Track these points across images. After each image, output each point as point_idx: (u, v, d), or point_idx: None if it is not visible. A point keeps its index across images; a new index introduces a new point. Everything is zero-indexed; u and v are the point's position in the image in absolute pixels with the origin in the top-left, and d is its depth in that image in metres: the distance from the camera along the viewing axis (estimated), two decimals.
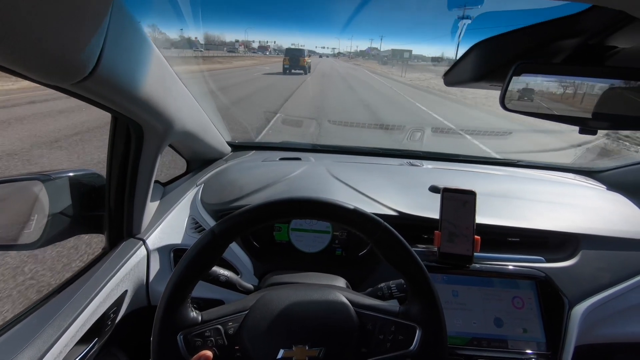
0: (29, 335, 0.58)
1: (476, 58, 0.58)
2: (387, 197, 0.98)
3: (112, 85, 0.52)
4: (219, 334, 0.54)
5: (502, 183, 1.15)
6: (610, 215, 1.02)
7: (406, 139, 2.47)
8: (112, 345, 0.80)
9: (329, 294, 0.59)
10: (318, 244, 0.95)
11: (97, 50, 0.45)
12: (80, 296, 0.67)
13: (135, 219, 0.83)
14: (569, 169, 1.39)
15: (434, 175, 1.18)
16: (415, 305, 0.57)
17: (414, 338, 0.55)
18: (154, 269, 0.88)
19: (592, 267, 0.88)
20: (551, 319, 0.81)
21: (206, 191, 1.04)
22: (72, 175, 0.76)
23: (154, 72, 0.63)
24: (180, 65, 3.62)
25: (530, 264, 0.86)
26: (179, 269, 0.53)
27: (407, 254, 0.56)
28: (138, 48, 0.57)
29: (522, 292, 0.83)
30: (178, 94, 0.78)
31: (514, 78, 0.51)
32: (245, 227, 0.56)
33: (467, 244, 0.82)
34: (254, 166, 1.21)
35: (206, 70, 15.63)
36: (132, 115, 0.66)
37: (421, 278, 0.56)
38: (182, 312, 0.54)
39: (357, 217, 0.56)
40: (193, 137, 1.00)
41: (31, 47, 0.36)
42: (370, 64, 43.90)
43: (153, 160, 0.79)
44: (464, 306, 0.82)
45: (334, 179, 1.07)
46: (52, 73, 0.42)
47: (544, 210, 0.99)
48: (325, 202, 0.57)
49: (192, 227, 0.94)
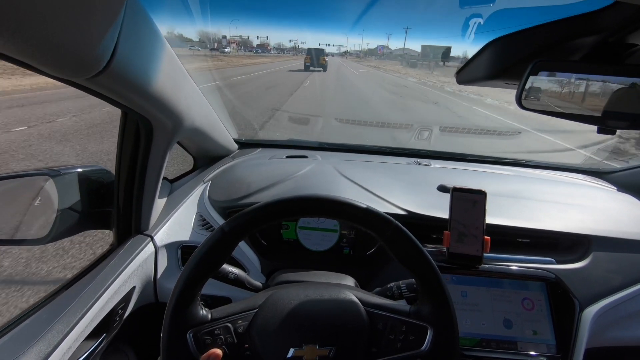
0: (39, 330, 0.58)
1: (491, 56, 0.56)
2: (395, 196, 0.97)
3: (124, 81, 0.52)
4: (229, 332, 0.54)
5: (511, 183, 1.14)
6: (621, 217, 1.00)
7: (414, 138, 2.45)
8: (120, 341, 0.80)
9: (339, 293, 0.59)
10: (326, 242, 0.95)
11: (112, 45, 0.44)
12: (89, 292, 0.67)
13: (143, 216, 0.83)
14: (578, 170, 1.37)
15: (442, 175, 1.17)
16: (426, 305, 0.56)
17: (425, 338, 0.54)
18: (162, 266, 0.88)
19: (603, 269, 0.86)
20: (561, 321, 0.80)
21: (213, 188, 1.04)
22: (81, 171, 0.76)
23: (166, 68, 0.62)
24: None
25: (540, 265, 0.85)
26: (189, 266, 0.53)
27: (419, 254, 0.55)
28: (151, 44, 0.57)
29: (532, 293, 0.82)
30: (188, 91, 0.78)
31: (531, 76, 0.50)
32: (256, 225, 0.56)
33: (476, 244, 0.81)
34: (261, 164, 1.21)
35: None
36: (143, 112, 0.66)
37: (433, 278, 0.55)
38: (192, 310, 0.54)
39: (369, 216, 0.56)
40: (201, 134, 1.00)
41: (45, 41, 0.36)
42: (390, 66, 35.78)
43: (162, 156, 0.79)
44: (473, 307, 0.81)
45: (341, 177, 1.06)
46: (66, 67, 0.42)
47: (554, 211, 0.98)
48: (336, 200, 0.56)
49: (200, 224, 0.94)
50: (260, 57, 41.61)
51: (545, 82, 0.51)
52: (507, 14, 6.78)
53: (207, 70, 12.62)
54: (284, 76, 16.50)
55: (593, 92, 0.50)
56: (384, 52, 64.82)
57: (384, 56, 61.16)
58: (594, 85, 0.50)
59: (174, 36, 10.88)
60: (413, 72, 27.40)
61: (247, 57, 31.93)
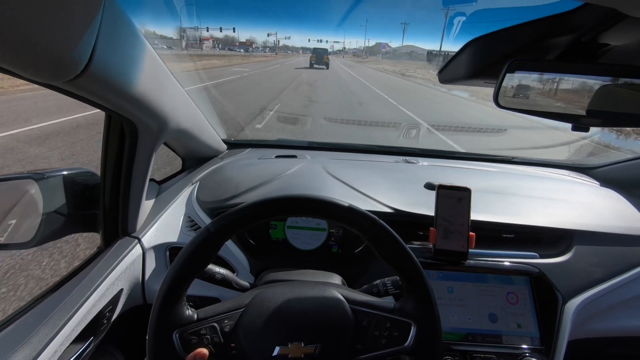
0: (24, 334, 0.58)
1: (470, 55, 0.58)
2: (383, 194, 0.98)
3: (105, 83, 0.52)
4: (215, 331, 0.54)
5: (496, 180, 1.16)
6: (603, 211, 1.03)
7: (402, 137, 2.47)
8: (108, 344, 0.80)
9: (324, 291, 0.59)
10: (314, 241, 0.96)
11: (90, 48, 0.44)
12: (75, 295, 0.67)
13: (130, 218, 0.83)
14: (563, 166, 1.40)
15: (430, 172, 1.19)
16: (410, 301, 0.57)
17: (409, 334, 0.55)
18: (150, 268, 0.88)
19: (585, 262, 0.89)
20: (545, 314, 0.81)
21: (202, 189, 1.04)
22: (66, 174, 0.76)
23: (148, 69, 0.62)
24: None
25: (524, 260, 0.87)
26: (174, 267, 0.53)
27: (402, 251, 0.56)
28: (131, 45, 0.56)
29: (516, 287, 0.84)
30: (172, 91, 0.78)
31: (508, 75, 0.51)
32: (241, 225, 0.56)
33: (462, 241, 0.82)
34: (250, 164, 1.21)
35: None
36: (126, 114, 0.66)
37: (416, 275, 0.56)
38: (178, 310, 0.54)
39: (353, 215, 0.56)
40: (188, 135, 1.00)
41: (21, 44, 0.36)
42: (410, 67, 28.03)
43: (148, 158, 0.78)
44: (459, 302, 0.83)
45: (329, 177, 1.07)
46: (43, 71, 0.42)
47: (538, 206, 1.00)
48: (320, 199, 0.57)
49: (188, 225, 0.94)
50: (236, 56, 37.70)
51: (522, 81, 0.52)
52: (487, 14, 6.72)
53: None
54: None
55: (568, 90, 0.52)
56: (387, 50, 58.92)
57: (387, 54, 56.39)
58: (569, 84, 0.52)
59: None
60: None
61: (217, 57, 27.65)
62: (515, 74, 0.51)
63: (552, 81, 0.52)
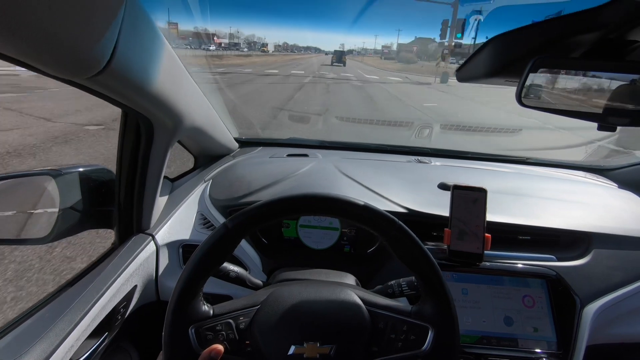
0: (41, 328, 0.58)
1: (491, 53, 0.56)
2: (396, 194, 0.97)
3: (125, 80, 0.52)
4: (230, 328, 0.54)
5: (511, 180, 1.14)
6: (622, 214, 1.00)
7: (414, 136, 2.44)
8: (122, 340, 0.80)
9: (340, 292, 0.59)
10: (326, 240, 0.95)
11: (112, 45, 0.44)
12: (91, 291, 0.67)
13: (144, 215, 0.84)
14: (579, 167, 1.37)
15: (443, 172, 1.17)
16: (428, 305, 0.56)
17: (426, 339, 0.54)
18: (163, 264, 0.88)
19: (604, 266, 0.86)
20: (562, 318, 0.80)
21: (214, 187, 1.04)
22: (82, 171, 0.76)
23: (166, 67, 0.62)
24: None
25: (541, 263, 0.85)
26: (192, 261, 0.53)
27: (421, 254, 0.55)
28: (151, 43, 0.57)
29: (532, 290, 0.83)
30: (188, 90, 0.78)
31: (531, 74, 0.50)
32: (258, 223, 0.56)
33: (477, 242, 0.81)
34: (262, 162, 1.21)
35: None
36: (143, 111, 0.66)
37: (435, 278, 0.55)
38: (194, 305, 0.54)
39: (371, 215, 0.56)
40: (202, 133, 1.00)
41: (45, 41, 0.36)
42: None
43: (163, 155, 0.79)
44: (473, 304, 0.81)
45: (342, 176, 1.06)
46: (66, 67, 0.42)
47: (554, 208, 0.98)
48: (338, 199, 0.56)
49: (201, 223, 0.94)
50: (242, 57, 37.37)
51: (546, 79, 0.51)
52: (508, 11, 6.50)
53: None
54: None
55: (593, 89, 0.50)
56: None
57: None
58: (594, 82, 0.50)
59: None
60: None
61: (219, 58, 28.26)
62: (539, 72, 0.49)
63: (577, 79, 0.51)
